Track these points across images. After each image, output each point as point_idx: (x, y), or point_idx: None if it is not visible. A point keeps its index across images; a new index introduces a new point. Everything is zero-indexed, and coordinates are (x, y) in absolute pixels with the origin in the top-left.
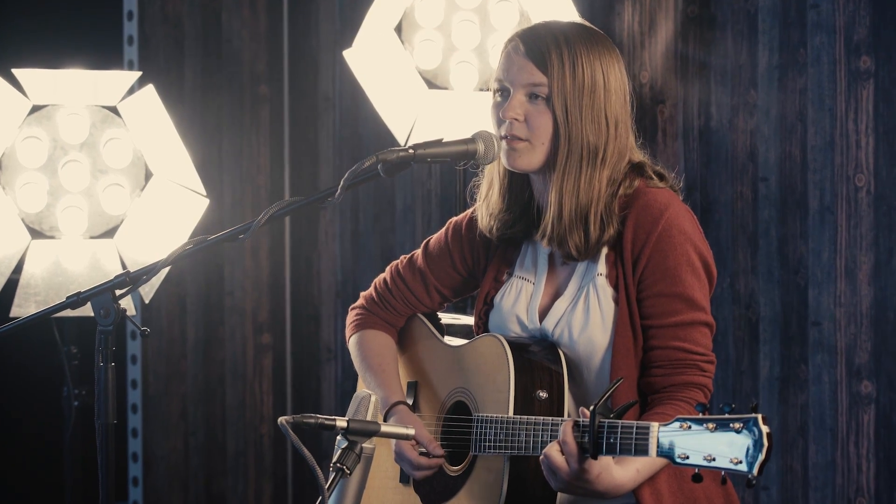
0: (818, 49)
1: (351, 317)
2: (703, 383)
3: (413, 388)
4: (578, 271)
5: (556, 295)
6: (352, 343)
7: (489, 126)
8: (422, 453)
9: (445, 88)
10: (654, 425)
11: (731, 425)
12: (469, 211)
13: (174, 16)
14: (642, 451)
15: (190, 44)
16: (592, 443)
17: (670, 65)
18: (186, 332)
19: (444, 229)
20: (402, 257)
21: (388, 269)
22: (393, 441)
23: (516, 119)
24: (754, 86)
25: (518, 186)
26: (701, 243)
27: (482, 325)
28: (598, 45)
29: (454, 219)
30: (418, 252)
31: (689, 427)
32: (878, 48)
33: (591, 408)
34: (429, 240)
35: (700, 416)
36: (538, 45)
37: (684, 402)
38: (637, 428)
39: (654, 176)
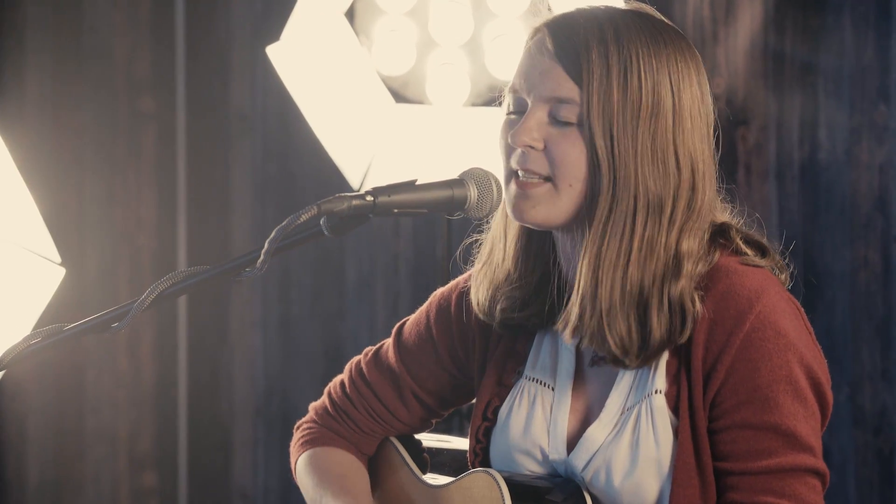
0: None
1: (297, 437)
2: None
3: None
4: (624, 381)
5: (589, 413)
6: (300, 466)
7: (489, 160)
8: None
9: (420, 103)
10: None
11: None
12: (462, 278)
13: None
14: None
15: (35, 35)
16: None
17: (757, 68)
18: (27, 471)
19: (424, 307)
20: (366, 350)
21: (346, 368)
22: None
23: (531, 147)
24: (885, 98)
25: (538, 247)
26: (808, 352)
27: (481, 452)
28: (667, 46)
29: (440, 291)
30: (388, 342)
31: None
32: None
33: None
34: (403, 323)
35: None
36: (572, 40)
37: None
38: None
39: (746, 248)
